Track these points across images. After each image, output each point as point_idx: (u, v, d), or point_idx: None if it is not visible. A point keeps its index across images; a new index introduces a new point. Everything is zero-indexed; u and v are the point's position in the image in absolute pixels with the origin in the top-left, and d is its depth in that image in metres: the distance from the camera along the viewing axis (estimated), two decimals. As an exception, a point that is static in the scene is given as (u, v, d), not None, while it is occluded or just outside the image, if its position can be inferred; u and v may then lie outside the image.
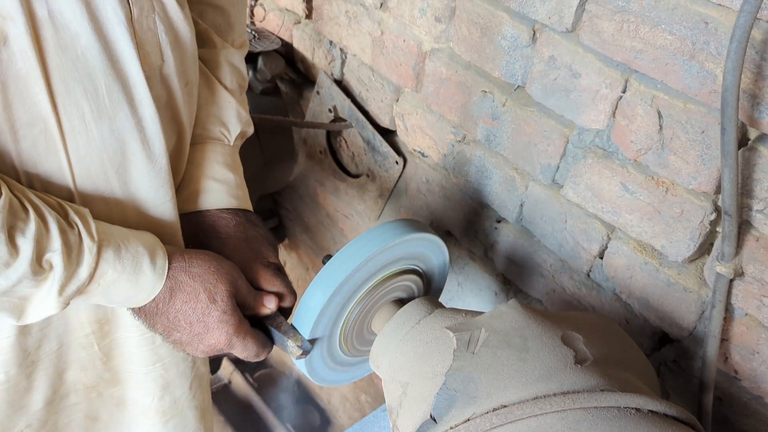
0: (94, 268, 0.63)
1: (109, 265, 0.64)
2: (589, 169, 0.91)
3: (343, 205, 1.52)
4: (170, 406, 0.94)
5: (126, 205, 0.71)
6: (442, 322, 0.78)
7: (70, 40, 0.61)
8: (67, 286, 0.62)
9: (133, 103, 0.67)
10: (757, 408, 0.85)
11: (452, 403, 0.67)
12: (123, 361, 0.88)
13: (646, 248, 0.90)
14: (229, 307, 0.71)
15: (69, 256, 0.61)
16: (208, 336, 0.72)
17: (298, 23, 1.40)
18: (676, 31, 0.75)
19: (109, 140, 0.67)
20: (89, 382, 0.87)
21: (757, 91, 0.70)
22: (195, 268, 0.71)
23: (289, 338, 0.77)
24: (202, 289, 0.70)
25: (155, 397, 0.92)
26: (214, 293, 0.71)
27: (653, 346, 0.96)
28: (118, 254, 0.65)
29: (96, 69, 0.63)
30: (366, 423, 1.09)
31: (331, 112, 1.36)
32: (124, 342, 0.86)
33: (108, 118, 0.66)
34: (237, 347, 0.74)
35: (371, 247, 0.80)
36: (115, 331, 0.84)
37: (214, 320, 0.71)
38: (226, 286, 0.72)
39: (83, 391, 0.87)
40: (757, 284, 0.78)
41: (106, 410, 0.92)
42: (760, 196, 0.74)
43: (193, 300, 0.70)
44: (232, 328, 0.72)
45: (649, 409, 0.63)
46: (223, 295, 0.71)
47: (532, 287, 1.11)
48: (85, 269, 0.63)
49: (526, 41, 0.92)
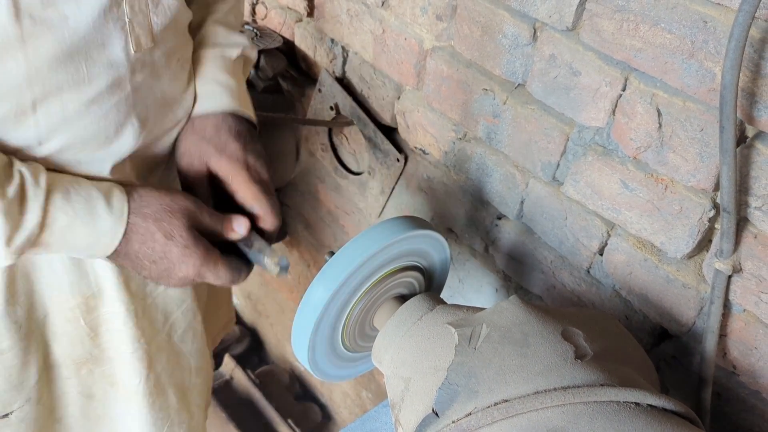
0: (42, 215, 0.62)
1: (58, 209, 0.63)
2: (589, 166, 0.92)
3: (345, 202, 1.52)
4: (155, 384, 0.94)
5: None
6: (443, 318, 0.79)
7: (58, 22, 0.61)
8: (15, 237, 0.62)
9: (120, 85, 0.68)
10: (755, 403, 0.86)
11: (454, 397, 0.68)
12: (111, 338, 0.88)
13: (646, 245, 0.91)
14: (189, 241, 0.70)
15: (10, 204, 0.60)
16: (176, 270, 0.71)
17: (300, 21, 1.41)
18: (675, 30, 0.76)
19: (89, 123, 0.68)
20: (78, 357, 0.87)
21: (756, 89, 0.71)
22: (145, 209, 0.69)
23: (266, 256, 0.75)
24: (156, 228, 0.69)
25: (142, 378, 0.92)
26: (170, 230, 0.69)
27: (652, 341, 0.97)
28: (67, 197, 0.64)
29: (81, 51, 0.63)
30: (367, 419, 1.10)
31: (332, 110, 1.37)
32: (111, 318, 0.85)
33: (87, 100, 0.66)
34: (208, 276, 0.72)
35: (373, 244, 0.81)
36: (101, 306, 0.84)
37: (177, 256, 0.70)
38: (182, 220, 0.70)
39: (73, 366, 0.87)
40: (755, 280, 0.79)
41: (100, 388, 0.92)
42: (758, 194, 0.75)
43: (150, 241, 0.69)
44: (198, 260, 0.71)
45: (648, 403, 0.64)
46: (180, 230, 0.70)
47: (532, 283, 1.12)
48: (33, 216, 0.62)
49: (526, 40, 0.93)
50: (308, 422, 2.01)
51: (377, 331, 0.88)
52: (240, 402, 1.96)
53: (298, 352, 0.85)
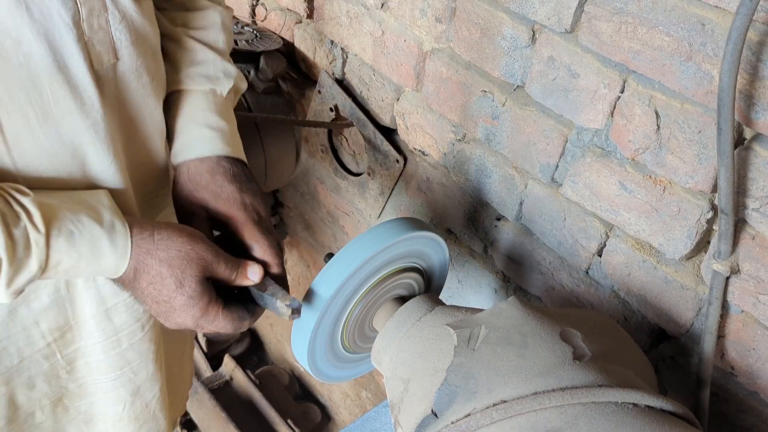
0: (44, 259, 0.61)
1: (62, 254, 0.62)
2: (588, 167, 0.92)
3: (344, 202, 1.53)
4: (142, 411, 0.93)
5: None
6: (442, 319, 0.80)
7: (11, 48, 0.60)
8: (16, 279, 0.61)
9: (83, 107, 0.66)
10: (753, 404, 0.86)
11: (453, 398, 0.68)
12: (89, 371, 0.86)
13: (644, 246, 0.91)
14: (196, 292, 0.69)
15: (14, 250, 0.59)
16: (174, 316, 0.70)
17: (300, 23, 1.41)
18: (673, 33, 0.76)
19: (56, 145, 0.66)
20: (54, 395, 0.85)
21: (753, 91, 0.71)
22: (162, 252, 0.68)
23: (278, 299, 0.74)
24: (168, 274, 0.68)
25: (126, 404, 0.90)
26: (182, 278, 0.68)
27: (651, 342, 0.97)
28: (70, 241, 0.63)
29: (41, 75, 0.62)
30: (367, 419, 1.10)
31: (332, 111, 1.37)
32: (89, 351, 0.84)
33: (55, 122, 0.65)
34: (207, 327, 0.72)
35: (373, 245, 0.81)
36: (78, 340, 0.83)
37: (180, 304, 0.69)
38: (195, 270, 0.69)
39: (49, 407, 0.85)
40: (753, 281, 0.80)
41: (74, 427, 0.90)
42: (755, 195, 0.75)
43: (159, 283, 0.68)
44: (199, 311, 0.70)
45: (647, 404, 0.64)
46: (191, 280, 0.68)
47: (531, 284, 1.12)
48: (35, 261, 0.61)
49: (525, 42, 0.93)
50: (308, 422, 2.02)
51: (376, 332, 0.88)
52: (240, 402, 1.96)
53: (297, 353, 0.86)
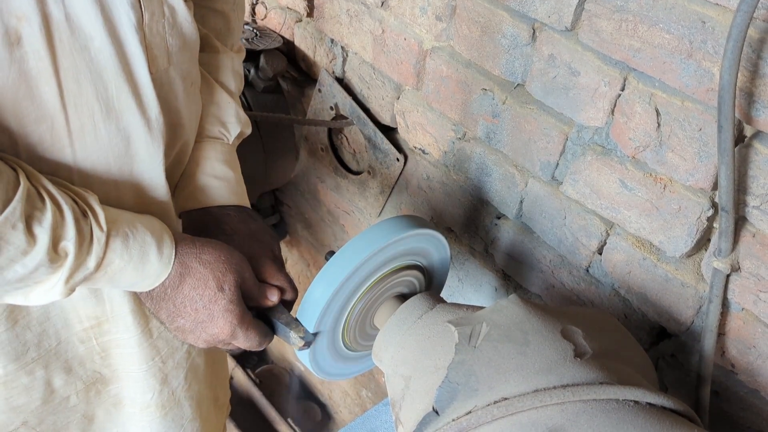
0: (101, 257, 0.64)
1: (116, 254, 0.65)
2: (588, 166, 0.92)
3: (345, 201, 1.53)
4: (168, 398, 0.95)
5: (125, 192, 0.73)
6: (443, 317, 0.80)
7: (84, 42, 0.62)
8: (75, 274, 0.63)
9: (141, 105, 0.69)
10: (754, 401, 0.87)
11: (454, 395, 0.68)
12: (122, 361, 0.88)
13: (645, 244, 0.92)
14: (235, 296, 0.72)
15: (81, 245, 0.62)
16: (212, 325, 0.72)
17: (300, 21, 1.41)
18: (673, 30, 0.76)
19: (115, 139, 0.69)
20: (89, 379, 0.87)
21: (754, 89, 0.71)
22: (206, 255, 0.71)
23: (292, 329, 0.79)
24: (211, 276, 0.71)
25: (155, 392, 0.92)
26: (223, 282, 0.71)
27: (651, 340, 0.97)
28: (126, 244, 0.66)
29: (107, 70, 0.65)
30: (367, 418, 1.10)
31: (332, 110, 1.37)
32: (124, 343, 0.86)
33: (116, 117, 0.67)
34: (240, 338, 0.74)
35: (373, 243, 0.81)
36: (114, 332, 0.85)
37: (220, 309, 0.71)
38: (235, 276, 0.72)
39: (84, 391, 0.87)
40: (753, 279, 0.80)
41: (103, 409, 0.92)
42: (756, 193, 0.76)
43: (202, 286, 0.71)
44: (237, 318, 0.72)
45: (647, 401, 0.64)
46: (231, 284, 0.72)
47: (531, 282, 1.12)
48: (93, 259, 0.63)
49: (525, 40, 0.93)
50: (308, 421, 2.02)
51: (377, 329, 0.88)
52: (240, 401, 1.96)
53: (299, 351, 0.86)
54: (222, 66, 0.87)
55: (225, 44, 0.87)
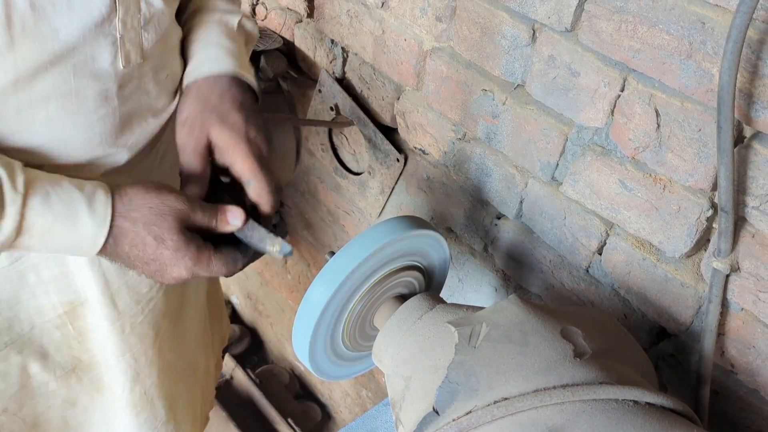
0: (19, 220, 0.61)
1: (36, 213, 0.61)
2: (588, 166, 0.93)
3: (345, 201, 1.53)
4: (140, 397, 0.94)
5: None
6: (443, 317, 0.80)
7: (48, 33, 0.61)
8: None
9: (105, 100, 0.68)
10: (753, 401, 0.87)
11: (454, 395, 0.68)
12: (99, 346, 0.87)
13: (644, 244, 0.92)
14: (180, 243, 0.67)
15: None
16: (168, 271, 0.69)
17: (300, 22, 1.41)
18: (673, 31, 0.76)
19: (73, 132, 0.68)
20: (67, 365, 0.86)
21: (753, 90, 0.71)
22: (134, 212, 0.66)
23: (267, 245, 0.71)
24: (145, 232, 0.66)
25: (125, 389, 0.91)
26: (160, 233, 0.66)
27: (651, 340, 0.97)
28: (46, 201, 0.62)
29: (68, 63, 0.64)
30: (367, 418, 1.10)
31: (332, 110, 1.38)
32: (96, 328, 0.85)
33: (72, 112, 0.67)
34: (202, 274, 0.70)
35: (373, 244, 0.81)
36: (89, 315, 0.84)
37: (168, 258, 0.67)
38: (172, 223, 0.67)
39: (63, 377, 0.86)
40: (752, 279, 0.80)
41: (86, 395, 0.91)
42: (755, 193, 0.76)
43: (140, 244, 0.67)
44: (190, 261, 0.68)
45: (647, 401, 0.65)
46: (170, 233, 0.67)
47: (531, 283, 1.13)
48: (9, 222, 0.60)
49: (525, 40, 0.93)
50: (308, 421, 2.02)
51: (377, 330, 0.88)
52: (240, 401, 1.97)
53: (299, 351, 0.86)
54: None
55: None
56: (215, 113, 0.73)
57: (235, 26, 0.83)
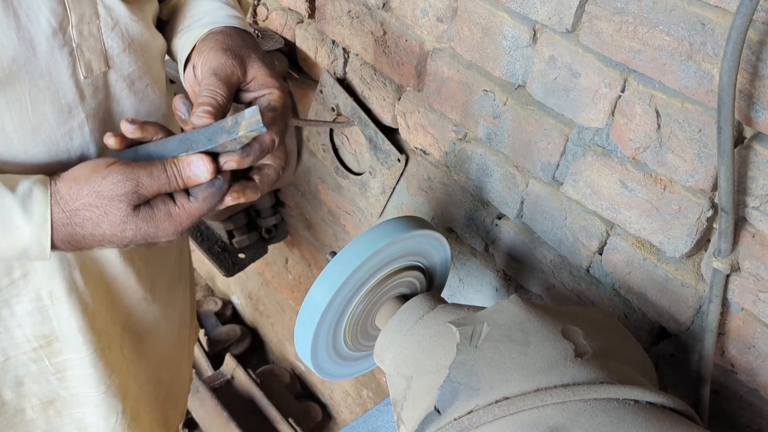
0: None
1: None
2: (589, 166, 0.93)
3: (346, 202, 1.53)
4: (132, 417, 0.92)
5: None
6: (445, 317, 0.80)
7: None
8: None
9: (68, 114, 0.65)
10: (753, 401, 0.87)
11: (456, 395, 0.68)
12: (79, 383, 0.85)
13: (645, 244, 0.92)
14: (144, 219, 0.60)
15: None
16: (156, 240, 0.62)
17: (301, 23, 1.41)
18: (673, 32, 0.76)
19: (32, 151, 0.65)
20: (45, 396, 0.84)
21: (753, 90, 0.71)
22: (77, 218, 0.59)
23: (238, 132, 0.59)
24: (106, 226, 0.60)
25: (118, 413, 0.88)
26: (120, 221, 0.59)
27: (651, 340, 0.97)
28: None
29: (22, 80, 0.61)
30: (368, 417, 1.10)
31: (333, 111, 1.38)
32: (78, 364, 0.83)
33: (31, 129, 0.64)
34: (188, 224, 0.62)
35: (375, 244, 0.81)
36: (66, 351, 0.81)
37: (144, 234, 0.61)
38: (124, 206, 0.59)
39: (39, 407, 0.84)
40: (753, 279, 0.80)
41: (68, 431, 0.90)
42: (755, 193, 0.76)
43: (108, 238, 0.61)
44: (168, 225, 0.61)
45: (648, 400, 0.65)
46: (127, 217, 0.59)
47: (532, 283, 1.13)
48: None
49: (526, 41, 0.94)
50: (309, 421, 2.02)
51: (379, 330, 0.89)
52: (241, 401, 1.97)
53: (300, 351, 0.86)
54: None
55: None
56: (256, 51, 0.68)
57: None
